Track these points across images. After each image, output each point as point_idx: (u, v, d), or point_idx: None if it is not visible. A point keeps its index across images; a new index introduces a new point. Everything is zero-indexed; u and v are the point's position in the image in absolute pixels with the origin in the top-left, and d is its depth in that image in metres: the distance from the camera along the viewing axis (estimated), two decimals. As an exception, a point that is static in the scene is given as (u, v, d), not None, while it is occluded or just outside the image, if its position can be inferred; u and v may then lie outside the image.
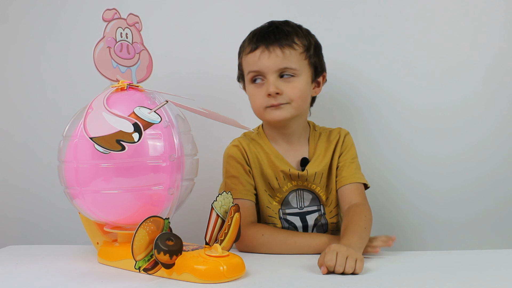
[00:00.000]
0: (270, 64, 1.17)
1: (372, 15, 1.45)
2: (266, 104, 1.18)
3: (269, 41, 1.18)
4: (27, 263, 1.08)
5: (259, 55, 1.18)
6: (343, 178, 1.23)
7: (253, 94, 1.21)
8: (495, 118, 1.43)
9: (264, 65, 1.17)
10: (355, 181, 1.22)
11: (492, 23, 1.43)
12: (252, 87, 1.21)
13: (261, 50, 1.18)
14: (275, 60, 1.17)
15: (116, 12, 1.04)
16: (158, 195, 0.99)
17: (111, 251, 1.06)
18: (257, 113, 1.23)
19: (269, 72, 1.17)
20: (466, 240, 1.44)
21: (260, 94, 1.19)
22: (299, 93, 1.19)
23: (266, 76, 1.18)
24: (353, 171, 1.23)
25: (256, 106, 1.21)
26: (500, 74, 1.43)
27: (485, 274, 0.94)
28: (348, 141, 1.26)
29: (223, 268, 0.90)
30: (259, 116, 1.23)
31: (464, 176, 1.44)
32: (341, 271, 0.94)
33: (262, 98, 1.18)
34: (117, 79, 1.04)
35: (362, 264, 0.95)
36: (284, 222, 1.23)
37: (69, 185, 1.02)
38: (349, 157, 1.24)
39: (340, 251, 0.95)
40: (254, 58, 1.19)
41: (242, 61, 1.24)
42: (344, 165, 1.24)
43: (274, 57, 1.17)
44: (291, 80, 1.18)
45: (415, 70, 1.44)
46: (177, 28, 1.49)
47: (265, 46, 1.18)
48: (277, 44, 1.18)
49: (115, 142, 0.88)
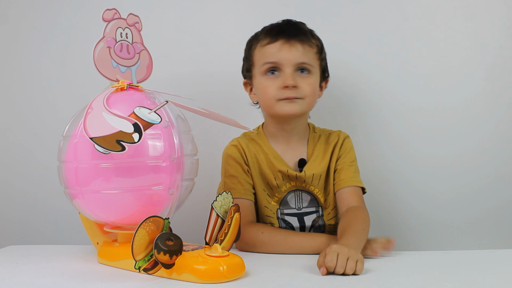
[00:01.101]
0: (290, 56, 1.17)
1: (372, 15, 1.45)
2: (280, 96, 1.18)
3: (290, 35, 1.18)
4: (27, 263, 1.08)
5: (279, 47, 1.18)
6: (341, 181, 1.22)
7: (266, 86, 1.19)
8: (496, 118, 1.43)
9: (284, 57, 1.17)
10: (353, 184, 1.22)
11: (492, 23, 1.43)
12: (265, 79, 1.20)
13: (281, 42, 1.18)
14: (295, 53, 1.17)
15: (116, 12, 1.04)
16: (158, 195, 0.99)
17: (111, 251, 1.06)
18: (267, 105, 1.21)
19: (288, 64, 1.17)
20: (466, 240, 1.44)
21: (274, 86, 1.18)
22: (312, 90, 1.20)
23: (282, 69, 1.18)
24: (351, 174, 1.23)
25: (268, 97, 1.19)
26: (501, 74, 1.43)
27: (485, 274, 0.94)
28: (347, 144, 1.26)
29: (223, 268, 0.90)
30: (268, 109, 1.22)
31: (464, 176, 1.44)
32: (342, 272, 0.93)
33: (276, 90, 1.18)
34: (117, 79, 1.04)
35: (362, 265, 0.95)
36: (281, 222, 1.23)
37: (69, 185, 1.02)
38: (348, 160, 1.24)
39: (341, 252, 0.95)
40: (273, 49, 1.18)
41: (254, 53, 1.22)
42: (342, 168, 1.23)
43: (295, 50, 1.17)
44: (306, 76, 1.19)
45: (415, 70, 1.44)
46: (177, 28, 1.49)
47: (286, 39, 1.18)
48: (297, 39, 1.18)
49: (115, 142, 0.88)
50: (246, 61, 1.26)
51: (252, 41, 1.25)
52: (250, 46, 1.24)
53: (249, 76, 1.25)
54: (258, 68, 1.21)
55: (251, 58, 1.23)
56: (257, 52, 1.22)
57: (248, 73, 1.25)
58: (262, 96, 1.21)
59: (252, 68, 1.23)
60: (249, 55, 1.24)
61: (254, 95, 1.26)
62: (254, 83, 1.24)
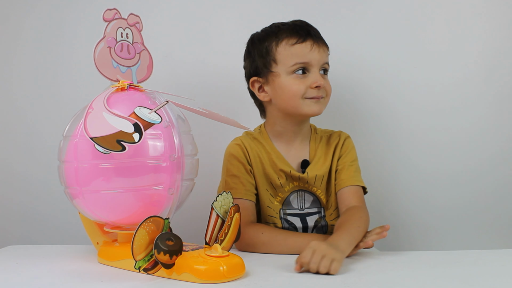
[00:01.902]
0: (320, 57, 1.20)
1: (372, 15, 1.45)
2: (307, 95, 1.19)
3: (316, 36, 1.21)
4: (27, 263, 1.08)
5: (311, 47, 1.19)
6: (341, 181, 1.22)
7: (293, 84, 1.18)
8: (496, 118, 1.43)
9: (315, 58, 1.19)
10: (353, 184, 1.22)
11: (492, 22, 1.43)
12: (293, 77, 1.19)
13: (311, 42, 1.19)
14: (323, 54, 1.21)
15: (117, 12, 1.04)
16: (158, 195, 0.99)
17: (111, 251, 1.06)
18: (291, 104, 1.20)
19: (317, 65, 1.19)
20: (466, 240, 1.44)
21: (302, 85, 1.18)
22: (331, 91, 1.23)
23: (310, 69, 1.19)
24: (352, 174, 1.23)
25: (294, 95, 1.19)
26: (501, 74, 1.43)
27: (485, 274, 0.94)
28: (347, 144, 1.26)
29: (223, 268, 0.90)
30: (291, 108, 1.20)
31: (464, 177, 1.44)
32: (315, 270, 0.94)
33: (305, 89, 1.18)
34: (117, 79, 1.04)
35: (338, 266, 0.94)
36: (284, 222, 1.23)
37: (69, 185, 1.02)
38: (349, 160, 1.24)
39: (318, 249, 0.95)
40: (304, 49, 1.19)
41: (278, 50, 1.20)
42: (343, 167, 1.23)
43: (322, 51, 1.20)
44: (326, 77, 1.23)
45: (415, 70, 1.44)
46: (177, 28, 1.49)
47: (314, 40, 1.20)
48: (321, 40, 1.22)
49: (116, 142, 0.88)
50: (262, 57, 1.22)
51: (268, 39, 1.21)
52: (269, 44, 1.21)
53: (266, 73, 1.22)
54: (284, 67, 1.19)
55: (273, 55, 1.20)
56: (283, 50, 1.20)
57: (266, 70, 1.22)
58: (287, 94, 1.19)
59: (274, 66, 1.20)
60: (269, 52, 1.21)
61: (266, 94, 1.23)
62: (276, 81, 1.20)
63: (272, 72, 1.20)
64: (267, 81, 1.22)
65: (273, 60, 1.20)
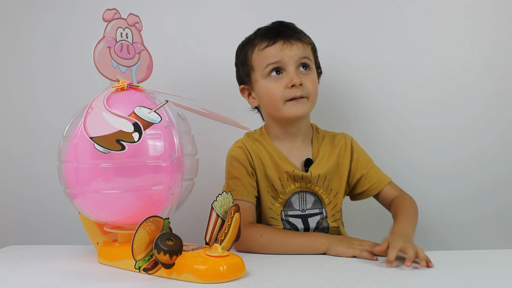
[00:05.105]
0: (293, 54, 1.18)
1: (372, 15, 1.45)
2: (287, 97, 1.18)
3: (287, 34, 1.20)
4: (27, 263, 1.08)
5: (281, 47, 1.19)
6: (375, 185, 1.25)
7: (271, 88, 1.19)
8: (496, 118, 1.43)
9: (287, 56, 1.18)
10: (386, 182, 1.26)
11: (493, 22, 1.43)
12: (269, 81, 1.20)
13: (281, 42, 1.19)
14: (297, 51, 1.19)
15: (116, 12, 1.04)
16: (158, 195, 0.99)
17: (111, 251, 1.06)
18: (273, 108, 1.21)
19: (291, 63, 1.18)
20: (466, 240, 1.44)
21: (279, 87, 1.18)
22: (315, 87, 1.21)
23: (286, 68, 1.18)
24: (380, 175, 1.27)
25: (274, 100, 1.19)
26: (501, 74, 1.43)
27: (485, 274, 0.94)
28: (356, 147, 1.28)
29: (223, 268, 0.90)
30: (274, 112, 1.21)
31: (464, 177, 1.44)
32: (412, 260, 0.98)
33: (283, 90, 1.18)
34: (117, 79, 1.04)
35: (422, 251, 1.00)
36: (286, 224, 1.22)
37: (69, 185, 1.02)
38: (367, 163, 1.27)
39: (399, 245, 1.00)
40: (274, 50, 1.19)
41: (252, 57, 1.22)
42: (368, 172, 1.26)
43: (296, 48, 1.19)
44: (307, 73, 1.21)
45: (415, 70, 1.44)
46: (177, 28, 1.49)
47: (285, 39, 1.19)
48: (295, 37, 1.20)
49: (115, 141, 0.88)
50: (243, 67, 1.25)
51: (246, 47, 1.25)
52: (246, 52, 1.24)
53: (248, 81, 1.25)
54: (259, 72, 1.21)
55: (249, 63, 1.23)
56: (256, 56, 1.22)
57: (247, 78, 1.25)
58: (267, 99, 1.21)
59: (252, 73, 1.23)
60: (246, 60, 1.24)
61: (254, 100, 1.26)
62: (256, 87, 1.23)
63: (252, 79, 1.23)
64: (252, 88, 1.25)
65: (250, 67, 1.23)
